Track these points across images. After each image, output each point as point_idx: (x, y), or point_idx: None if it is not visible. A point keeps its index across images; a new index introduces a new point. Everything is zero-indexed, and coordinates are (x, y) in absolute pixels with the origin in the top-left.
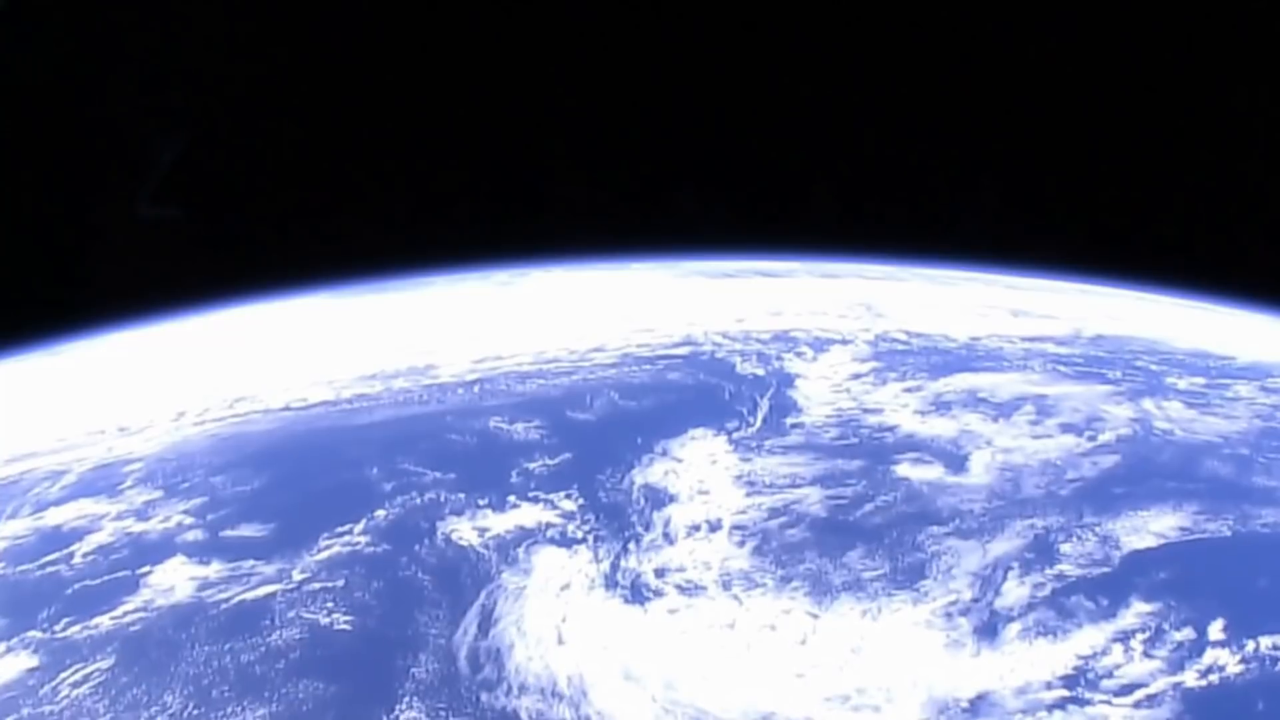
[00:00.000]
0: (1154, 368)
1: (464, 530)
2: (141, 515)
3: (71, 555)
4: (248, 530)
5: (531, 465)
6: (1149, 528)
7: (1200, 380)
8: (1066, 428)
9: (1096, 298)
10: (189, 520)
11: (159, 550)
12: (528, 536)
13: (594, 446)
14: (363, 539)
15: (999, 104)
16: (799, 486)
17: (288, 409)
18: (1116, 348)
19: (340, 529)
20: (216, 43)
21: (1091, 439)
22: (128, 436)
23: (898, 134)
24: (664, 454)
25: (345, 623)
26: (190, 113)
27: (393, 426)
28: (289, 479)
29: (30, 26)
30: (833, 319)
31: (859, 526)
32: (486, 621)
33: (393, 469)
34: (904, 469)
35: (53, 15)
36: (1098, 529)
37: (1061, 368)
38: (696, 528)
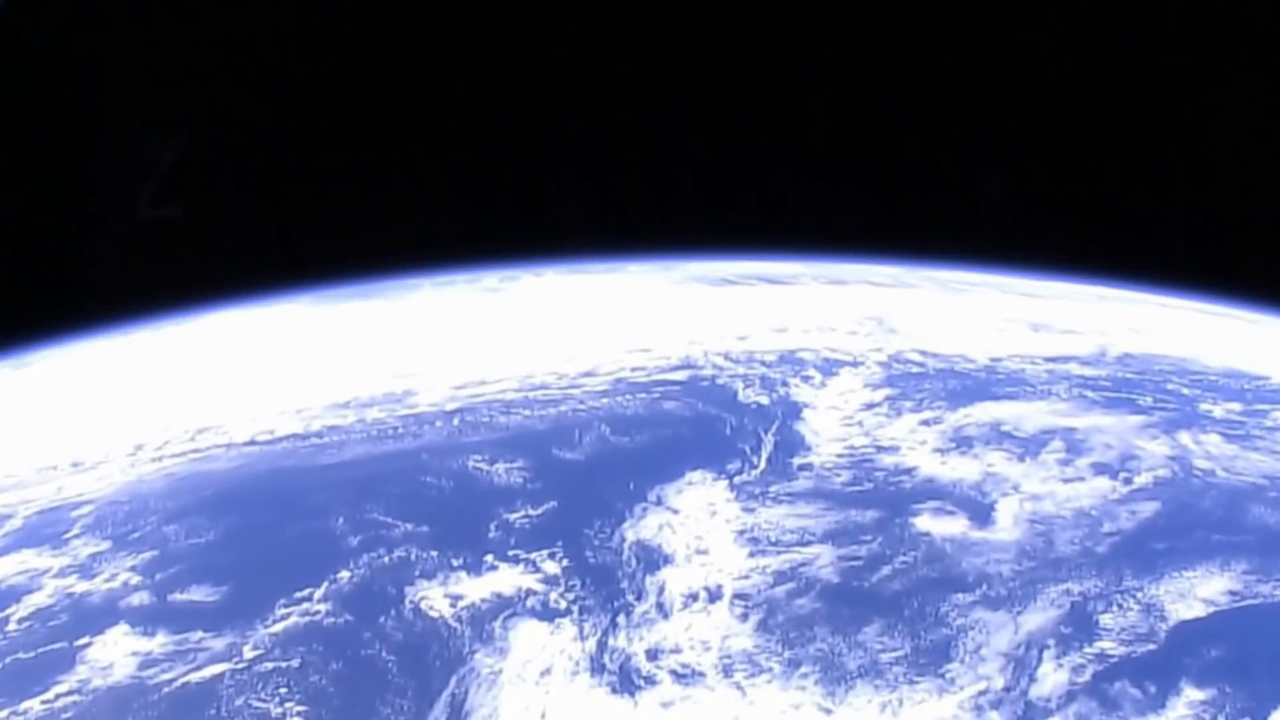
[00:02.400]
0: (1186, 391)
1: (435, 598)
2: (86, 572)
3: (6, 620)
4: (198, 593)
5: (512, 516)
6: (1196, 592)
7: (1236, 406)
8: (1099, 468)
9: (1116, 305)
10: (135, 580)
11: (101, 617)
12: (505, 606)
13: (581, 493)
14: (322, 607)
15: (1005, 100)
16: (808, 544)
17: (252, 443)
18: (1145, 368)
19: (299, 594)
20: (215, 42)
21: (1127, 482)
22: (80, 473)
23: (900, 131)
24: (658, 503)
25: (298, 714)
26: (189, 112)
27: (363, 466)
28: (247, 529)
29: (30, 26)
30: (842, 336)
31: (875, 595)
32: (456, 715)
33: (360, 519)
34: (924, 521)
35: (53, 15)
36: (1140, 595)
37: (1089, 393)
38: (694, 597)
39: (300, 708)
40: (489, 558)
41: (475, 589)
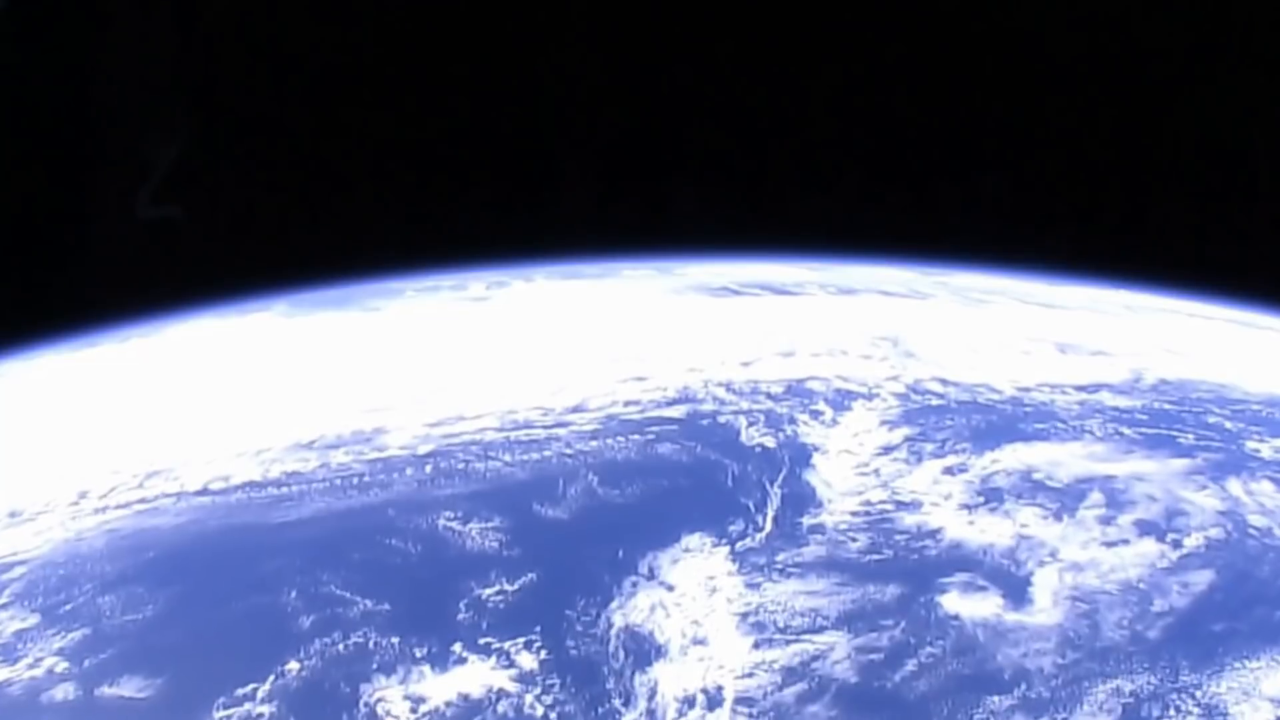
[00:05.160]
0: (1229, 426)
1: (393, 699)
2: (9, 654)
3: None
4: (129, 687)
5: (485, 593)
6: (1261, 689)
7: None
8: (1144, 528)
9: (1144, 317)
10: (62, 666)
11: (19, 715)
12: (473, 712)
13: (564, 563)
14: (266, 710)
15: (1003, 96)
16: (821, 631)
17: (205, 492)
18: (1182, 397)
19: (241, 690)
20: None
21: (1176, 545)
22: (17, 526)
23: (899, 128)
24: (651, 576)
25: None
26: (187, 112)
27: (323, 524)
28: (189, 604)
29: (30, 26)
30: (854, 361)
31: (899, 699)
32: None
33: (315, 592)
34: (952, 600)
35: (52, 15)
36: (1199, 694)
37: (1125, 429)
38: (690, 702)
39: None
40: (457, 647)
41: (439, 688)
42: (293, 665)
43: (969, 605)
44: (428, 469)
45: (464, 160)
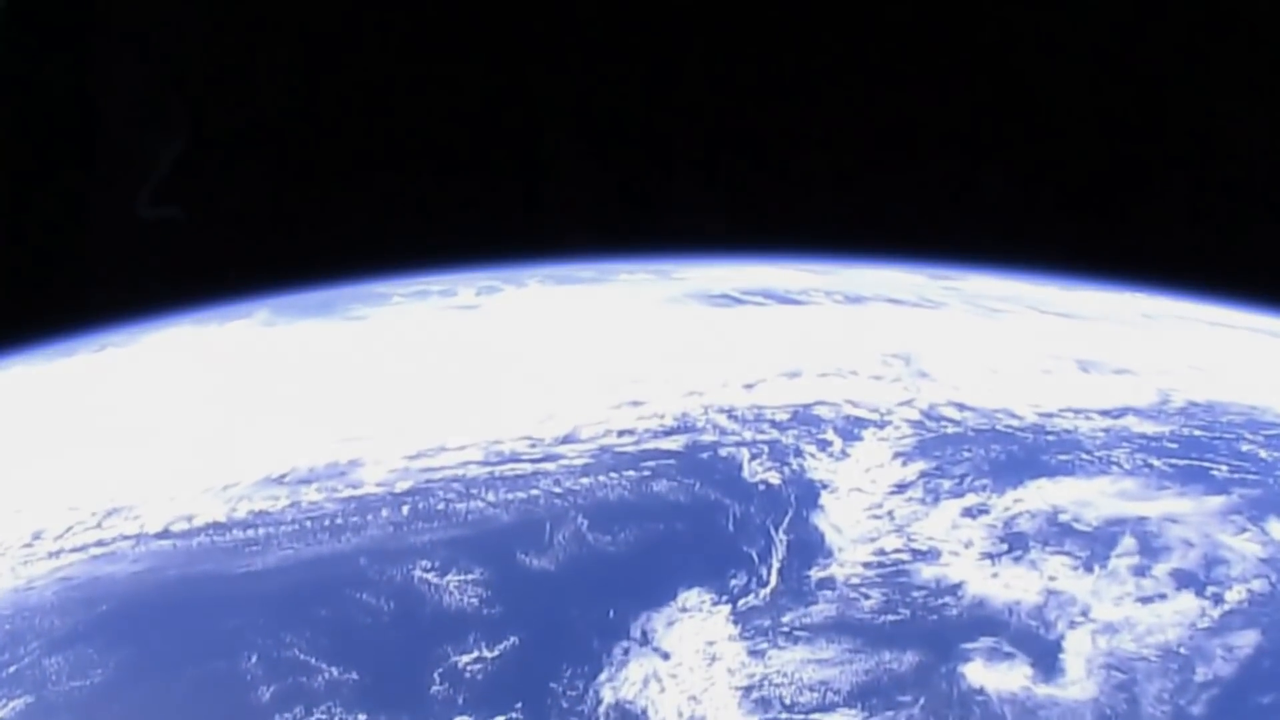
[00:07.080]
0: (1264, 455)
1: None
2: None
3: None
4: None
5: (463, 659)
6: None
7: None
8: (1181, 579)
9: (1163, 325)
10: None
11: None
12: None
13: (550, 623)
14: None
15: (1007, 95)
16: (831, 709)
17: (166, 534)
18: (1212, 421)
19: None
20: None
21: (1217, 600)
22: None
23: (900, 126)
24: (644, 641)
25: None
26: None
27: (289, 574)
28: (141, 669)
29: (30, 26)
30: (865, 383)
31: None
32: None
33: (278, 658)
34: (976, 670)
35: (51, 14)
36: None
37: (1154, 461)
38: None
39: None
40: None
41: None
42: None
43: (995, 676)
44: (405, 509)
45: (458, 159)
